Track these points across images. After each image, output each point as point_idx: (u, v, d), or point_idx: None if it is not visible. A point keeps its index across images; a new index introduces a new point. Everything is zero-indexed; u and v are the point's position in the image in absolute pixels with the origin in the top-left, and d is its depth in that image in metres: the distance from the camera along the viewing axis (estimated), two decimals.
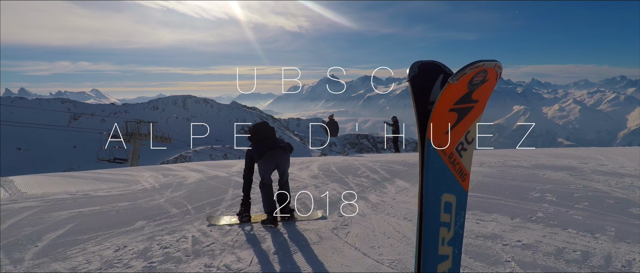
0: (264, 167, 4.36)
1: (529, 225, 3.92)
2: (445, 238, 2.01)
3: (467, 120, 1.90)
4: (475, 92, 1.81)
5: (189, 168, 9.72)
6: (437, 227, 1.98)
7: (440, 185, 1.94)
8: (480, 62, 1.68)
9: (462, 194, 2.04)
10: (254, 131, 4.50)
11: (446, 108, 1.79)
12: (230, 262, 3.33)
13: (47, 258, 3.49)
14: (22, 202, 5.85)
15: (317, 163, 9.51)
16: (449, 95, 1.75)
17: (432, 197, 1.93)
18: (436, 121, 1.80)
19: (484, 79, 1.76)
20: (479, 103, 1.90)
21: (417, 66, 1.93)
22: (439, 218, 1.97)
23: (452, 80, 1.69)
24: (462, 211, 2.07)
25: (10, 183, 7.88)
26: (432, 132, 1.83)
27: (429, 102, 1.97)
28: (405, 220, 4.30)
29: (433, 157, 1.88)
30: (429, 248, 1.97)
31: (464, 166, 2.01)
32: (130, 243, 3.85)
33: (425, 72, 1.95)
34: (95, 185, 7.50)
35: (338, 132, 15.21)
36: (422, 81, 1.94)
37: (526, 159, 8.36)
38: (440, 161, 1.90)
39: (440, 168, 1.91)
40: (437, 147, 1.87)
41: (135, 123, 32.34)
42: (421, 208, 1.94)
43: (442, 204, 1.97)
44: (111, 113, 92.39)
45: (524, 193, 5.19)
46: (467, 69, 1.67)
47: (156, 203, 5.63)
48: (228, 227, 4.33)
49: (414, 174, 7.27)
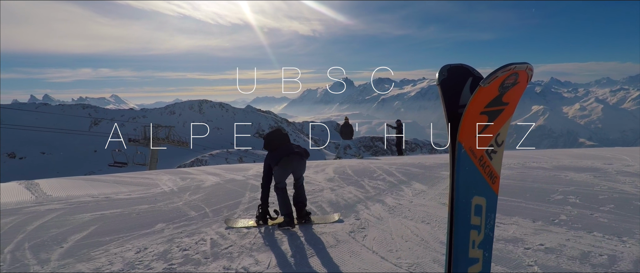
0: (279, 173, 4.40)
1: (551, 228, 3.82)
2: (475, 241, 2.01)
3: (497, 123, 1.91)
4: (506, 94, 1.82)
5: (206, 172, 9.86)
6: (467, 230, 1.98)
7: (470, 187, 1.94)
8: (511, 65, 1.68)
9: (492, 197, 2.04)
10: (269, 140, 4.56)
11: (477, 111, 1.80)
12: (248, 264, 3.36)
13: (72, 259, 3.59)
14: (47, 204, 6.03)
15: (333, 166, 9.50)
16: (480, 98, 1.76)
17: (463, 200, 1.93)
18: (467, 124, 1.82)
19: (515, 82, 1.77)
20: (509, 106, 1.90)
21: (446, 69, 1.94)
22: (469, 221, 1.97)
23: (484, 83, 1.70)
24: (492, 214, 2.06)
25: (36, 186, 8.14)
26: (463, 135, 1.84)
27: (459, 105, 1.98)
28: (423, 223, 4.25)
29: (463, 160, 1.88)
30: (459, 250, 1.97)
31: (494, 168, 2.01)
32: (150, 245, 3.92)
33: (455, 76, 1.96)
34: (116, 188, 7.67)
35: (353, 135, 15.17)
36: (451, 84, 1.96)
37: (547, 160, 8.17)
38: (470, 163, 1.91)
39: (470, 170, 1.92)
40: (468, 150, 1.88)
41: (153, 128, 33.00)
42: (452, 210, 1.94)
43: (473, 207, 1.97)
44: (130, 117, 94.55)
45: (545, 195, 5.07)
46: (499, 72, 1.68)
47: (175, 206, 5.72)
48: (245, 230, 4.36)
49: (431, 177, 7.19)
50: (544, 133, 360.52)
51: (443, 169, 7.92)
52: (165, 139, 32.50)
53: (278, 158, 4.35)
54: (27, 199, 6.64)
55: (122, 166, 26.17)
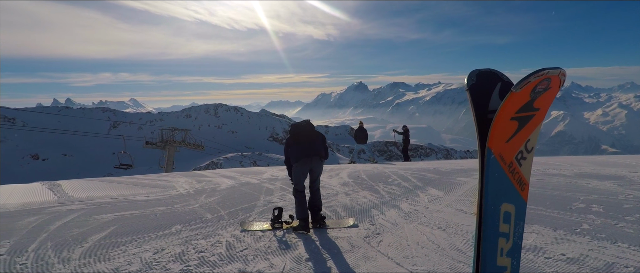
0: (298, 172, 4.44)
1: (573, 238, 3.71)
2: (503, 248, 1.98)
3: (527, 128, 1.89)
4: (537, 100, 1.80)
5: (221, 175, 9.96)
6: (495, 237, 1.95)
7: (499, 194, 1.92)
8: (544, 70, 1.66)
9: (521, 204, 2.01)
10: (294, 132, 4.52)
11: (507, 117, 1.78)
12: (263, 267, 3.37)
13: (92, 258, 3.67)
14: (69, 205, 6.19)
15: (347, 171, 9.48)
16: (511, 103, 1.74)
17: (491, 207, 1.91)
18: (497, 130, 1.80)
19: (547, 87, 1.75)
20: (540, 111, 1.88)
21: (475, 74, 1.94)
22: (498, 228, 1.94)
23: (516, 88, 1.68)
24: (521, 222, 2.03)
25: (58, 186, 8.38)
26: (493, 140, 1.82)
27: (489, 110, 1.96)
28: (440, 230, 4.19)
29: (493, 166, 1.86)
30: (487, 259, 1.94)
31: (523, 175, 1.98)
32: (167, 246, 3.98)
33: (484, 81, 1.95)
34: (134, 190, 7.82)
35: (367, 139, 15.11)
36: (480, 89, 1.94)
37: (567, 167, 7.96)
38: (500, 170, 1.89)
39: (500, 177, 1.90)
40: (497, 156, 1.86)
41: (169, 131, 33.60)
42: (480, 217, 1.92)
43: (501, 214, 1.94)
44: (148, 121, 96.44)
45: (566, 204, 4.93)
46: (531, 78, 1.66)
47: (191, 208, 5.80)
48: (260, 233, 4.38)
49: (447, 182, 7.09)
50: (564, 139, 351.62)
51: (459, 175, 7.80)
52: (181, 142, 33.02)
53: (299, 155, 4.39)
54: (49, 199, 6.84)
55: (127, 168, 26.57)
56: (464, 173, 8.18)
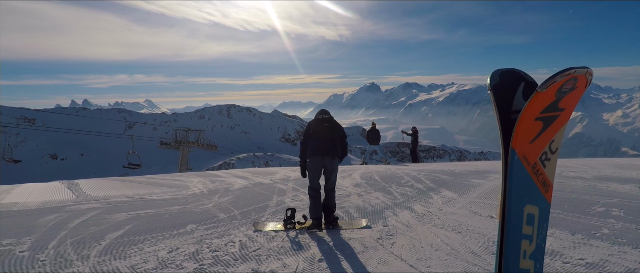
0: (311, 168, 4.53)
1: (592, 242, 3.62)
2: (526, 251, 1.95)
3: (552, 129, 1.87)
4: (562, 100, 1.77)
5: (234, 175, 10.05)
6: (519, 239, 1.92)
7: (523, 195, 1.90)
8: (571, 69, 1.63)
9: (545, 206, 1.98)
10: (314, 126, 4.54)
11: (532, 117, 1.76)
12: (276, 267, 3.39)
13: (110, 256, 3.74)
14: (87, 204, 6.33)
15: (359, 172, 9.45)
16: (536, 103, 1.72)
17: (515, 208, 1.88)
18: (521, 130, 1.78)
19: (573, 87, 1.72)
20: (565, 111, 1.85)
21: (498, 74, 1.92)
22: (521, 230, 1.92)
23: (541, 88, 1.66)
24: (545, 224, 2.00)
25: (77, 186, 8.58)
26: (517, 141, 1.80)
27: (512, 110, 1.94)
28: (454, 232, 4.14)
29: (516, 167, 1.84)
30: (510, 261, 1.92)
31: (547, 176, 1.96)
32: (182, 245, 4.03)
33: (507, 81, 1.93)
34: (150, 189, 7.95)
35: (380, 140, 15.04)
36: (503, 89, 1.93)
37: (586, 170, 7.77)
38: (523, 171, 1.87)
39: (523, 178, 1.87)
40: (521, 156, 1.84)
41: (183, 131, 34.05)
42: (503, 219, 1.90)
43: (525, 215, 1.92)
44: (162, 121, 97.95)
45: (585, 207, 4.82)
46: (558, 77, 1.64)
47: (205, 207, 5.86)
48: (273, 233, 4.41)
49: (461, 184, 7.01)
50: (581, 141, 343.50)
51: (474, 177, 7.70)
52: (195, 143, 33.41)
53: (313, 152, 4.49)
54: (68, 198, 7.00)
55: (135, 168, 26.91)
56: (478, 175, 8.07)
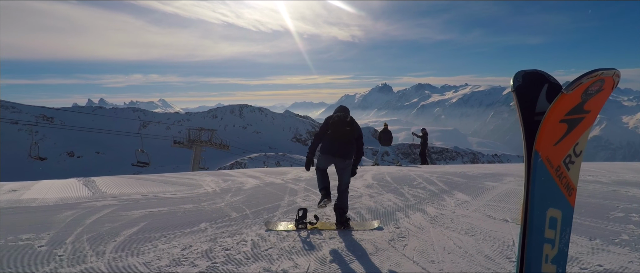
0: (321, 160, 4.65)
1: (611, 248, 3.53)
2: (549, 255, 1.92)
3: (576, 131, 1.83)
4: (588, 102, 1.74)
5: (246, 174, 10.12)
6: (541, 243, 1.89)
7: (545, 199, 1.87)
8: (598, 70, 1.60)
9: (568, 209, 1.95)
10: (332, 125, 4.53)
11: (557, 119, 1.74)
12: (287, 267, 3.39)
13: (124, 252, 3.81)
14: (102, 201, 6.46)
15: (371, 173, 9.41)
16: (561, 105, 1.69)
17: (537, 211, 1.85)
18: (545, 132, 1.75)
19: (599, 89, 1.69)
20: (590, 114, 1.81)
21: (521, 75, 1.89)
22: (543, 234, 1.89)
23: (567, 90, 1.63)
24: (568, 228, 1.97)
25: (93, 183, 8.75)
26: (540, 143, 1.77)
27: (536, 112, 1.91)
28: (467, 235, 4.09)
29: (540, 170, 1.81)
30: (532, 265, 1.89)
31: (571, 180, 1.93)
32: (195, 243, 4.08)
33: (530, 82, 1.90)
34: (163, 187, 8.07)
35: (391, 141, 14.97)
36: (526, 90, 1.90)
37: (605, 174, 7.59)
38: (546, 174, 1.83)
39: (546, 181, 1.84)
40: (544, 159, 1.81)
41: (196, 131, 34.45)
42: (525, 222, 1.87)
43: (547, 219, 1.89)
44: (175, 121, 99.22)
45: (603, 212, 4.70)
46: (584, 79, 1.60)
47: (217, 206, 5.92)
48: (285, 233, 4.42)
49: (475, 187, 6.91)
50: (599, 145, 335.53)
51: (487, 180, 7.59)
52: (208, 142, 33.77)
53: (324, 151, 4.56)
54: (85, 195, 7.15)
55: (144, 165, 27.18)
56: (492, 177, 7.95)
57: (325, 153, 4.53)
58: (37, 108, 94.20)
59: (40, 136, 78.84)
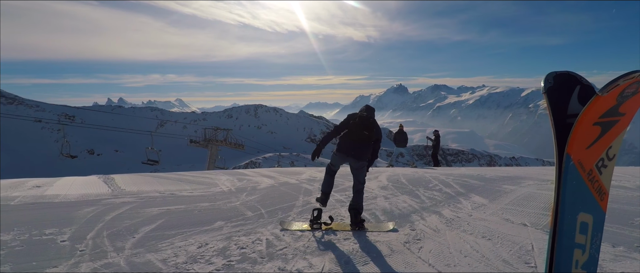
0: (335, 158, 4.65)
1: (635, 255, 3.42)
2: (579, 260, 1.88)
3: (610, 134, 1.79)
4: (623, 105, 1.70)
5: (261, 174, 10.19)
6: (571, 249, 1.86)
7: (576, 203, 1.83)
8: (636, 72, 1.55)
9: (600, 214, 1.91)
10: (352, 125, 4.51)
11: (590, 122, 1.70)
12: (302, 267, 3.41)
13: (143, 248, 3.89)
14: (121, 198, 6.61)
15: (386, 174, 9.36)
16: (594, 108, 1.65)
17: (568, 216, 1.82)
18: (578, 135, 1.72)
19: (635, 91, 1.64)
20: (625, 116, 1.77)
21: (552, 77, 1.87)
22: (573, 239, 1.85)
23: (603, 92, 1.60)
24: (599, 233, 1.93)
25: (112, 180, 8.96)
26: (573, 146, 1.74)
27: (567, 114, 1.88)
28: (484, 239, 4.03)
29: (571, 173, 1.78)
30: (561, 270, 1.86)
31: (603, 184, 1.89)
32: (211, 241, 4.13)
33: (562, 83, 1.88)
34: (180, 186, 8.20)
35: (407, 143, 14.86)
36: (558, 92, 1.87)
37: (629, 179, 7.35)
38: (578, 177, 1.80)
39: (578, 185, 1.81)
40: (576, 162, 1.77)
41: (212, 130, 34.90)
42: (555, 227, 1.84)
43: (578, 224, 1.85)
44: (192, 120, 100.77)
45: (627, 218, 4.56)
46: (621, 80, 1.56)
47: (233, 205, 5.98)
48: (300, 233, 4.43)
49: (492, 190, 6.80)
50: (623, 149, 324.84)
51: (505, 183, 7.45)
52: (223, 142, 34.15)
53: (339, 149, 4.56)
54: (104, 192, 7.33)
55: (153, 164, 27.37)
56: (510, 180, 7.80)
57: (340, 151, 4.54)
58: (59, 106, 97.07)
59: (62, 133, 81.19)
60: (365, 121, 4.46)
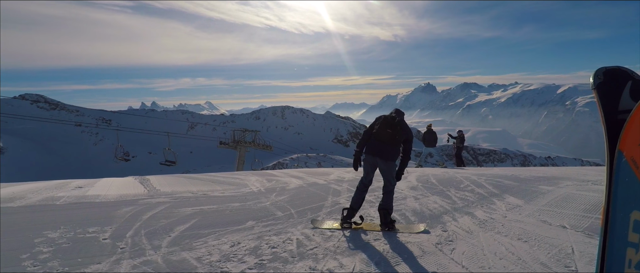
0: (366, 165, 4.62)
1: None
2: (632, 260, 1.82)
3: None
4: None
5: (289, 175, 10.30)
6: (624, 247, 1.81)
7: (630, 201, 1.78)
8: None
9: None
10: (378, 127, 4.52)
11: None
12: (333, 267, 3.42)
13: (178, 247, 4.03)
14: (157, 198, 6.87)
15: (415, 174, 9.22)
16: None
17: (620, 214, 1.78)
18: (630, 131, 1.68)
19: None
20: None
21: (602, 72, 1.84)
22: (626, 238, 1.80)
23: None
24: None
25: (148, 181, 9.33)
26: (625, 143, 1.70)
27: (619, 110, 1.84)
28: (520, 241, 3.89)
29: (624, 170, 1.74)
30: (613, 269, 1.82)
31: None
32: (242, 240, 4.22)
33: (612, 79, 1.85)
34: (211, 186, 8.42)
35: (436, 143, 14.59)
36: (608, 88, 1.84)
37: None
38: (631, 175, 1.75)
39: (631, 182, 1.76)
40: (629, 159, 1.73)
41: (240, 132, 35.59)
42: (606, 225, 1.81)
43: (631, 222, 1.80)
44: (221, 122, 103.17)
45: None
46: None
47: (263, 205, 6.08)
48: (329, 233, 4.45)
49: (527, 190, 6.55)
50: None
51: (542, 183, 7.16)
52: (252, 143, 34.75)
53: (367, 150, 4.56)
54: (141, 192, 7.64)
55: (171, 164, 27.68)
56: (547, 181, 7.49)
57: (367, 153, 4.56)
58: (97, 111, 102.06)
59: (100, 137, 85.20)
60: (389, 120, 4.48)
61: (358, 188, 4.66)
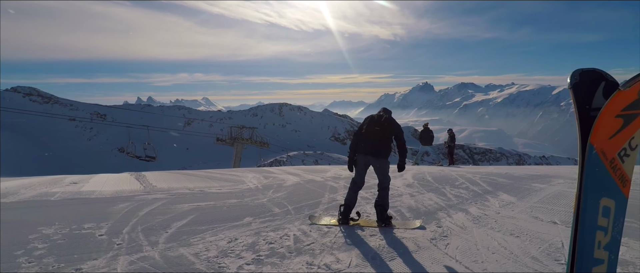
0: (358, 165, 4.65)
1: None
2: (601, 241, 2.03)
3: (632, 126, 1.94)
4: None
5: (286, 172, 10.34)
6: (593, 230, 2.00)
7: (599, 189, 1.98)
8: None
9: (622, 200, 2.05)
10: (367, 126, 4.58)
11: (612, 114, 1.86)
12: (329, 262, 3.47)
13: (175, 243, 4.06)
14: (153, 194, 6.88)
15: (412, 172, 9.29)
16: (617, 101, 1.82)
17: (591, 201, 1.97)
18: (600, 126, 1.87)
19: None
20: None
21: (578, 73, 2.02)
22: (596, 222, 2.00)
23: (624, 87, 1.76)
24: (621, 217, 2.07)
25: (144, 177, 9.33)
26: (595, 137, 1.89)
27: (592, 108, 2.03)
28: (513, 236, 3.96)
29: (594, 161, 1.93)
30: (584, 250, 2.01)
31: (625, 172, 2.03)
32: (240, 236, 4.26)
33: (587, 80, 2.03)
34: (208, 183, 8.44)
35: (432, 141, 14.70)
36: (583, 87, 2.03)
37: None
38: (601, 165, 1.95)
39: (600, 172, 1.96)
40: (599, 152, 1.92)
41: (238, 129, 35.54)
42: (578, 210, 1.99)
43: (601, 208, 2.00)
44: (218, 119, 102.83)
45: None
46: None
47: (260, 202, 6.12)
48: (326, 229, 4.50)
49: (520, 188, 6.64)
50: None
51: (535, 181, 7.25)
52: (249, 140, 34.72)
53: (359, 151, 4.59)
54: (137, 188, 7.65)
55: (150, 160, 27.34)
56: (540, 179, 7.59)
57: (359, 152, 4.61)
58: (92, 105, 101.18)
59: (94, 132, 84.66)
60: (376, 118, 4.58)
61: (350, 188, 4.73)
